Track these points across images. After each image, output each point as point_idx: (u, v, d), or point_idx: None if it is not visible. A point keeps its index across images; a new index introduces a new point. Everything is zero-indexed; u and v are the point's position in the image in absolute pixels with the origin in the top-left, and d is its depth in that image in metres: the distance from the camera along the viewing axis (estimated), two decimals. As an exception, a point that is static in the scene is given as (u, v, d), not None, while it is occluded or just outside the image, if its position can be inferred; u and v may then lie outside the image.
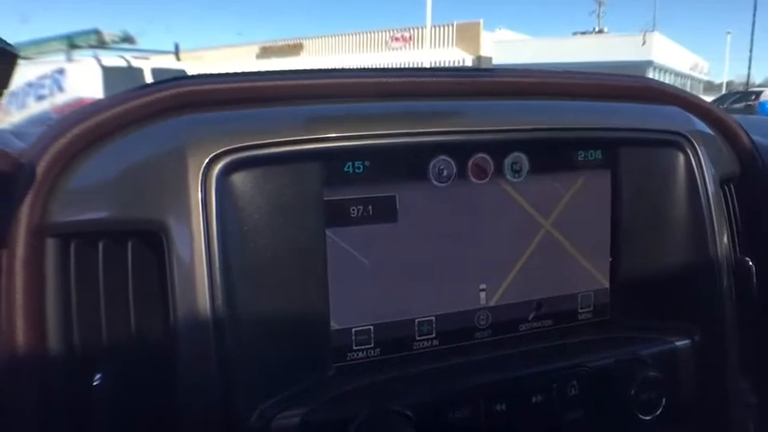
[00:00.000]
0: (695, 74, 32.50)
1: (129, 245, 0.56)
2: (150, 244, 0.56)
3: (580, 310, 0.72)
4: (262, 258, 0.57)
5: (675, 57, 27.74)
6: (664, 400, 0.65)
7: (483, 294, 0.67)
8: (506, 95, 0.71)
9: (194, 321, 0.53)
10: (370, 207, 0.61)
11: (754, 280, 0.78)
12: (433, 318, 0.65)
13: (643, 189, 0.72)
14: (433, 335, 0.65)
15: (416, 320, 0.65)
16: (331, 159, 0.59)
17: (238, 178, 0.56)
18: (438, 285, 0.65)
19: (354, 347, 0.62)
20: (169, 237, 0.54)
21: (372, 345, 0.63)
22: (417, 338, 0.65)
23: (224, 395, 0.53)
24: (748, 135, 0.86)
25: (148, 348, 0.56)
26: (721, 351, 0.72)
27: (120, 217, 0.56)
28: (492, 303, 0.68)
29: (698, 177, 0.72)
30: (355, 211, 0.61)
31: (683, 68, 29.69)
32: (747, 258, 0.79)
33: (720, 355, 0.72)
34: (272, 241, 0.57)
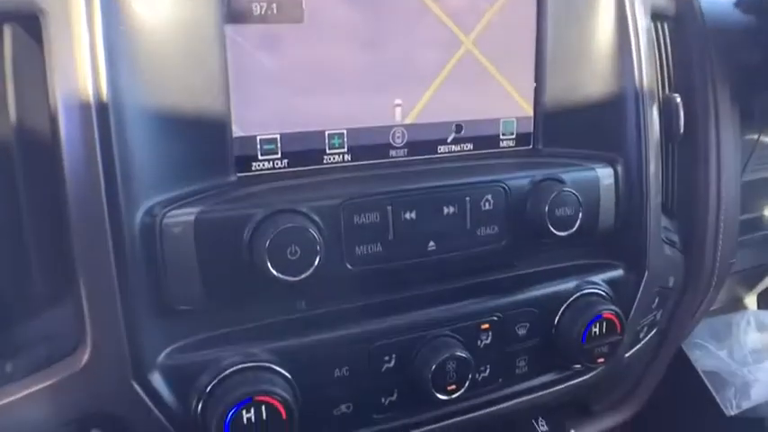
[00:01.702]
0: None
1: (8, 31, 0.52)
2: (29, 29, 0.51)
3: (502, 137, 0.70)
4: (152, 50, 0.53)
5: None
6: (579, 218, 0.64)
7: (398, 110, 0.64)
8: None
9: (76, 111, 0.49)
10: (275, 4, 0.57)
11: (681, 117, 0.77)
12: (345, 131, 0.62)
13: (570, 13, 0.70)
14: (345, 149, 0.63)
15: (327, 133, 0.62)
16: None
17: None
18: (350, 96, 0.62)
19: (260, 157, 0.60)
20: (48, 20, 0.49)
21: (279, 155, 0.60)
22: (328, 152, 0.62)
23: (108, 191, 0.50)
24: None
25: (30, 140, 0.52)
26: (642, 183, 0.71)
27: None
28: (408, 121, 0.65)
29: (627, 7, 0.70)
30: (258, 8, 0.57)
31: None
32: (676, 95, 0.78)
33: (641, 186, 0.71)
34: (164, 33, 0.53)
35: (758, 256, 1.15)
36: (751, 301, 1.45)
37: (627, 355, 0.77)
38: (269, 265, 0.51)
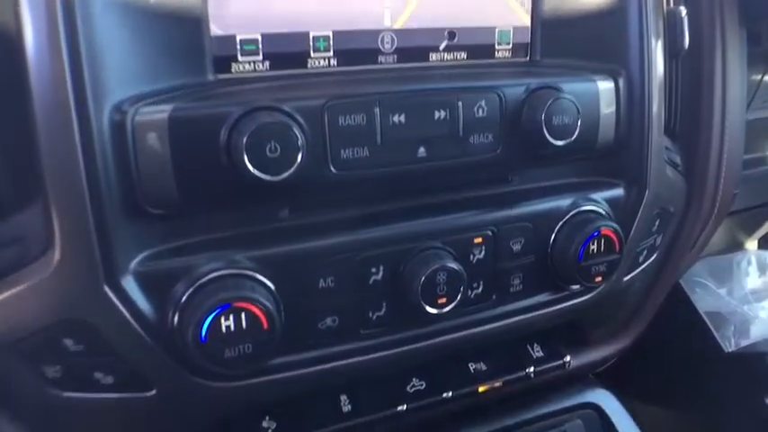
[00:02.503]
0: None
1: None
2: None
3: (497, 47, 0.67)
4: None
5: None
6: (578, 127, 0.61)
7: (387, 13, 0.61)
8: None
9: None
10: None
11: (686, 31, 0.73)
12: (330, 33, 0.59)
13: None
14: (331, 53, 0.59)
15: (311, 34, 0.58)
16: None
17: None
18: None
19: (240, 58, 0.56)
20: None
21: (260, 57, 0.57)
22: (312, 55, 0.59)
23: (75, 83, 0.46)
24: None
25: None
26: (644, 97, 0.67)
27: None
28: (397, 26, 0.61)
29: None
30: None
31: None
32: (681, 8, 0.74)
33: (642, 100, 0.67)
34: None
35: (761, 194, 1.13)
36: (751, 245, 1.43)
37: (625, 278, 0.75)
38: (246, 161, 0.48)
